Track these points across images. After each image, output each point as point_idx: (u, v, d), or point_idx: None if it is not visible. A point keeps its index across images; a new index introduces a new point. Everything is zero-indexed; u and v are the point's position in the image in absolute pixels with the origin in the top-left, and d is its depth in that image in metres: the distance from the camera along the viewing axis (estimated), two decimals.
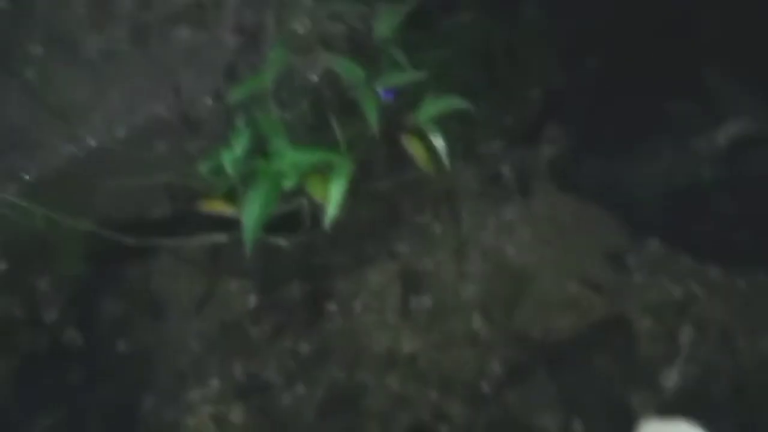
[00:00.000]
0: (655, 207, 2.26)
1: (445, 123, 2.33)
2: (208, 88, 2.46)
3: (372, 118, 2.31)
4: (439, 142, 2.30)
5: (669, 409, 1.84)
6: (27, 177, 2.36)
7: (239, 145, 2.20)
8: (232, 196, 2.21)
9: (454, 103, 2.32)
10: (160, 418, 2.01)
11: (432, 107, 2.33)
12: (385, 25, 2.51)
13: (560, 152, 2.44)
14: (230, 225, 2.16)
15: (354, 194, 2.20)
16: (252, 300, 2.16)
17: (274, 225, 2.17)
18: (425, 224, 2.28)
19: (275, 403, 2.02)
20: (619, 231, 2.26)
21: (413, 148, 2.33)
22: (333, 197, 2.04)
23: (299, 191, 2.21)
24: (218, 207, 2.21)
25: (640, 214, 2.26)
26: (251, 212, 1.99)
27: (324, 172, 2.16)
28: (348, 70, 2.42)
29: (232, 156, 2.17)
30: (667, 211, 2.24)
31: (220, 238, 2.23)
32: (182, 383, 2.05)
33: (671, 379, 1.95)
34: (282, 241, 2.23)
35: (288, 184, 2.09)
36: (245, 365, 2.07)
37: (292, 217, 2.21)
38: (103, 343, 2.12)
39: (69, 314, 2.17)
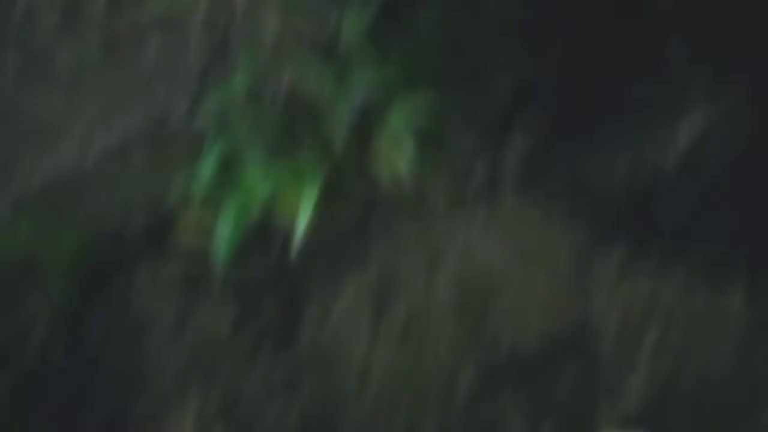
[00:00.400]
0: (622, 204, 2.29)
1: (416, 118, 2.36)
2: (182, 96, 2.48)
3: (342, 122, 2.34)
4: (410, 144, 2.34)
5: (631, 418, 1.91)
6: (8, 197, 2.40)
7: (210, 160, 2.24)
8: (208, 209, 2.26)
9: (425, 100, 2.34)
10: None
11: (403, 108, 2.36)
12: (355, 23, 2.52)
13: (531, 145, 2.46)
14: (207, 240, 2.23)
15: (326, 205, 2.25)
16: (229, 317, 2.23)
17: (248, 239, 2.23)
18: (397, 230, 2.33)
19: (257, 419, 2.10)
20: (587, 229, 2.29)
21: (385, 151, 2.37)
22: (303, 213, 2.09)
23: (272, 204, 2.27)
24: (194, 222, 2.26)
25: (607, 212, 2.30)
26: (222, 236, 2.05)
27: (295, 185, 2.21)
28: (318, 73, 2.44)
29: (203, 171, 2.22)
30: (634, 207, 2.27)
31: (198, 254, 2.28)
32: (165, 403, 2.13)
33: (635, 386, 2.01)
34: (256, 257, 2.28)
35: (258, 202, 2.14)
36: (226, 382, 2.15)
37: (265, 231, 2.26)
38: (88, 364, 2.20)
39: (55, 335, 2.24)
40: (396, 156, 2.35)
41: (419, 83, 2.41)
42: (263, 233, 2.25)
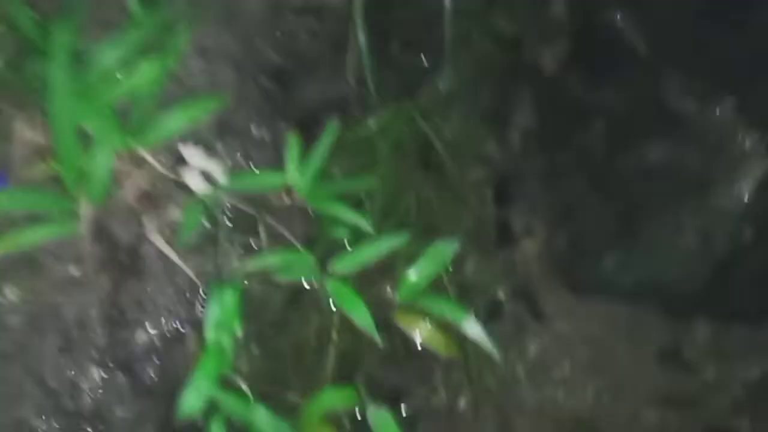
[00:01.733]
0: None
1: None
2: None
3: (364, 319, 1.80)
4: (445, 312, 1.87)
5: None
6: None
7: None
8: None
9: (438, 253, 1.86)
10: None
11: (415, 274, 1.87)
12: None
13: (546, 246, 2.14)
14: None
15: None
16: None
17: None
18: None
19: None
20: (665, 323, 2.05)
21: (418, 331, 1.91)
22: None
23: None
24: None
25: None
26: None
27: None
28: (297, 261, 1.85)
29: None
30: None
31: None
32: None
33: None
34: None
35: None
36: None
37: None
38: None
39: None
40: (434, 332, 1.91)
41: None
42: None
